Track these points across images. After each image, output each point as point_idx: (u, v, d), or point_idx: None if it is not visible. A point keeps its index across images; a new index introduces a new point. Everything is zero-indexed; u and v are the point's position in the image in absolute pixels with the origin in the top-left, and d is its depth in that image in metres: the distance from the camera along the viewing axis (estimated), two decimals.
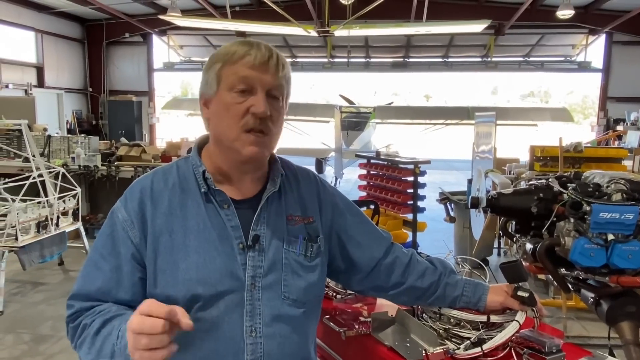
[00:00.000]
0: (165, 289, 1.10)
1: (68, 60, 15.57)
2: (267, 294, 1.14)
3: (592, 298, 1.85)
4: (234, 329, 1.11)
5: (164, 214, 1.13)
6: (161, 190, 1.16)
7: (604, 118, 13.75)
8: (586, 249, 1.65)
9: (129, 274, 1.12)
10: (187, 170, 1.19)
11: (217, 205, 1.15)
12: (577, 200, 1.71)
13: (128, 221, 1.13)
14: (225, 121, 1.12)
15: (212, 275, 1.10)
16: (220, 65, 1.13)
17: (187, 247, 1.11)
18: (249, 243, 1.14)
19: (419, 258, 1.39)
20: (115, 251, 1.12)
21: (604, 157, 5.00)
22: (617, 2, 11.95)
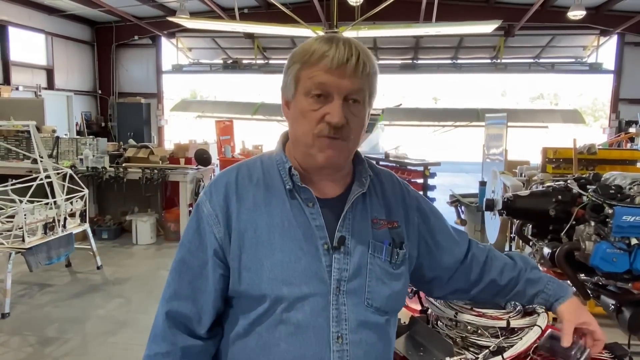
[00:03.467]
0: (250, 288, 1.07)
1: (78, 63, 15.65)
2: (352, 299, 1.09)
3: (613, 305, 1.78)
4: (320, 334, 1.06)
5: (248, 209, 1.11)
6: (246, 185, 1.14)
7: (616, 120, 13.57)
8: (608, 253, 1.58)
9: (212, 269, 1.11)
10: (271, 165, 1.16)
11: (302, 203, 1.11)
12: (598, 202, 1.64)
13: (212, 216, 1.11)
14: (301, 127, 1.10)
15: (298, 275, 1.07)
16: (298, 67, 1.09)
17: (272, 245, 1.08)
18: (335, 244, 1.10)
19: (496, 253, 1.32)
20: (203, 246, 1.12)
21: (618, 159, 4.90)
22: (629, 3, 11.80)
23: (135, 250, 6.37)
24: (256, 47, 15.99)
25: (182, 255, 1.13)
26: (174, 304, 1.11)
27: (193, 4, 13.25)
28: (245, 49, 16.59)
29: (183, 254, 1.13)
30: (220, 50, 17.04)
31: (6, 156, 7.24)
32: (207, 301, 1.10)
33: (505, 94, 39.97)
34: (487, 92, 36.60)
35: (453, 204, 4.28)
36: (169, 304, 1.11)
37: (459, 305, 1.31)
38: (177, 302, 1.11)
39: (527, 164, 6.83)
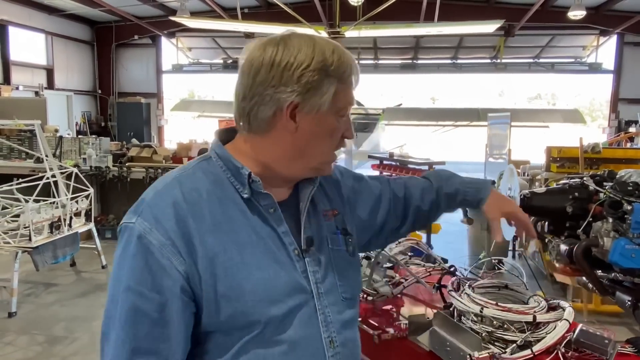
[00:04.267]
0: (234, 317, 0.94)
1: (78, 62, 15.64)
2: (330, 299, 1.05)
3: (630, 301, 1.79)
4: (314, 345, 1.01)
5: (210, 230, 0.95)
6: (197, 202, 0.96)
7: (616, 120, 13.62)
8: (627, 249, 1.59)
9: (179, 310, 0.92)
10: (217, 174, 1.01)
11: (263, 211, 1.01)
12: (616, 199, 1.65)
13: (167, 246, 0.92)
14: (324, 145, 1.03)
15: (281, 291, 0.98)
16: (336, 86, 0.98)
17: (248, 265, 0.96)
18: (304, 247, 1.04)
19: (413, 182, 1.33)
20: (158, 285, 0.91)
21: (622, 158, 4.93)
22: (629, 3, 11.84)
23: None
24: None
25: (133, 302, 0.90)
26: None
27: (193, 3, 13.25)
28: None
29: (133, 301, 0.90)
30: (220, 50, 17.04)
31: (9, 156, 7.23)
32: (175, 350, 0.93)
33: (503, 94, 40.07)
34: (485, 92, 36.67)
35: None
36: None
37: (484, 301, 1.32)
38: (139, 357, 0.91)
39: (527, 164, 6.86)
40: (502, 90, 39.62)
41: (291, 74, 0.95)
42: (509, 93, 38.99)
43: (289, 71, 0.95)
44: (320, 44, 0.99)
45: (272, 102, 0.97)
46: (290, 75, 0.95)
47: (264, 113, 0.98)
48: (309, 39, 0.99)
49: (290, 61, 0.95)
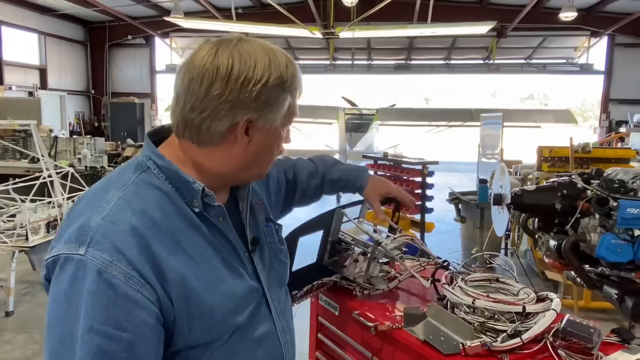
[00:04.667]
0: (205, 334, 0.94)
1: (71, 62, 15.61)
2: (275, 290, 1.11)
3: (616, 294, 1.86)
4: (272, 338, 1.07)
5: (171, 252, 0.90)
6: (153, 224, 0.89)
7: (606, 120, 13.79)
8: (613, 244, 1.66)
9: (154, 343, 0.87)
10: (161, 187, 0.95)
11: (214, 220, 0.99)
12: (603, 196, 1.72)
13: (135, 278, 0.84)
14: (272, 154, 1.04)
15: (242, 298, 1.00)
16: (290, 99, 0.99)
17: (212, 281, 0.94)
18: (251, 248, 1.06)
19: (301, 165, 1.46)
20: (127, 322, 0.83)
21: (611, 158, 5.02)
22: (619, 5, 12.01)
23: None
24: None
25: (98, 344, 0.81)
26: None
27: (187, 3, 13.28)
28: None
29: (98, 344, 0.81)
30: None
31: (3, 156, 7.22)
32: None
33: (496, 94, 40.32)
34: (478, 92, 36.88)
35: (453, 202, 4.37)
36: None
37: (476, 293, 1.38)
38: None
39: (519, 163, 6.96)
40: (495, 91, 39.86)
41: (249, 91, 0.91)
42: (502, 93, 39.25)
43: (247, 87, 0.91)
44: (275, 55, 0.96)
45: (227, 117, 0.93)
46: (248, 91, 0.91)
47: (217, 127, 0.93)
48: (263, 49, 0.95)
49: (249, 76, 0.91)
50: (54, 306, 0.87)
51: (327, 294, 1.75)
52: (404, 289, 1.74)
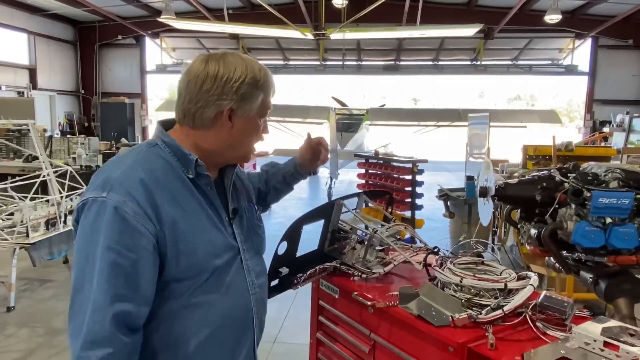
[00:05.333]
0: (189, 269, 1.22)
1: (60, 62, 15.57)
2: (249, 253, 1.40)
3: (591, 278, 2.03)
4: (242, 286, 1.36)
5: (169, 202, 1.20)
6: (157, 180, 1.20)
7: (591, 120, 14.11)
8: (587, 231, 1.83)
9: (150, 265, 1.16)
10: (166, 158, 1.26)
11: (203, 188, 1.30)
12: (578, 187, 1.89)
13: (140, 214, 1.14)
14: (249, 140, 1.36)
15: (220, 247, 1.30)
16: (263, 96, 1.32)
17: (197, 229, 1.24)
18: (231, 216, 1.37)
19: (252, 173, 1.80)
20: (133, 246, 1.13)
21: (593, 156, 5.21)
22: (603, 7, 12.31)
23: None
24: (241, 47, 16.12)
25: (113, 259, 1.11)
26: (118, 306, 1.11)
27: (178, 4, 13.32)
28: (229, 49, 16.70)
29: (114, 258, 1.11)
30: (205, 51, 17.11)
31: None
32: (144, 295, 1.16)
33: (483, 95, 40.74)
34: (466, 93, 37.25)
35: (442, 198, 4.54)
36: (113, 307, 1.10)
37: (463, 273, 1.54)
38: (120, 304, 1.11)
39: (506, 162, 7.17)
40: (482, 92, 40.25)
41: (230, 87, 1.25)
42: (489, 94, 39.64)
43: (229, 84, 1.25)
44: (250, 63, 1.29)
45: (214, 106, 1.26)
46: (230, 87, 1.25)
47: (207, 114, 1.26)
48: (241, 59, 1.29)
49: (230, 76, 1.25)
50: (82, 236, 1.17)
51: (327, 279, 1.90)
52: (397, 274, 1.90)
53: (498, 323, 1.42)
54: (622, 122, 11.00)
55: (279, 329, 3.98)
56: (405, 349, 1.57)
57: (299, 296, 4.69)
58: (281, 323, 4.09)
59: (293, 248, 1.76)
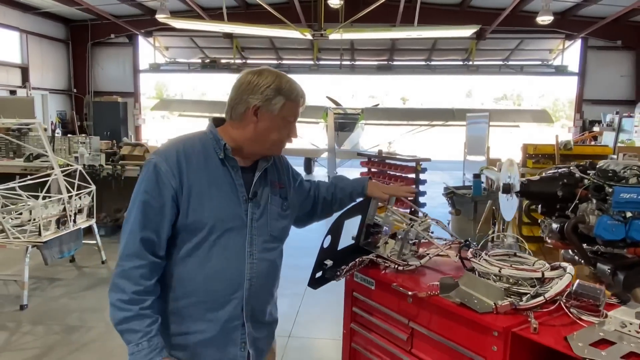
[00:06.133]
0: (195, 221, 1.57)
1: (52, 61, 15.46)
2: (260, 231, 1.66)
3: (609, 269, 2.14)
4: (239, 251, 1.62)
5: (194, 170, 1.58)
6: (190, 154, 1.59)
7: (580, 120, 14.37)
8: (609, 225, 1.94)
9: (169, 210, 1.55)
10: (207, 141, 1.64)
11: (230, 168, 1.63)
12: (599, 184, 2.00)
13: (169, 173, 1.55)
14: (272, 136, 1.65)
15: (226, 215, 1.60)
16: (284, 101, 1.62)
17: (210, 194, 1.58)
18: (250, 197, 1.65)
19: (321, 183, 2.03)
20: (161, 193, 1.54)
21: (591, 154, 5.37)
22: (593, 9, 12.55)
23: None
24: (235, 47, 16.14)
25: (145, 199, 1.53)
26: (145, 233, 1.53)
27: (172, 3, 13.29)
28: (223, 48, 16.70)
29: (146, 199, 1.53)
30: (198, 50, 17.09)
31: None
32: (165, 231, 1.55)
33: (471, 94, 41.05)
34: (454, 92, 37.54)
35: (448, 196, 4.63)
36: (142, 232, 1.52)
37: (501, 264, 1.64)
38: (147, 231, 1.53)
39: (499, 161, 7.31)
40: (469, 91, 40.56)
41: (258, 89, 1.59)
42: (477, 93, 39.96)
43: (258, 88, 1.59)
44: (280, 76, 1.63)
45: (244, 103, 1.60)
46: (258, 89, 1.59)
47: (240, 109, 1.62)
48: (275, 74, 1.63)
49: (260, 83, 1.60)
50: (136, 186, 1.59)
51: (363, 272, 1.98)
52: (428, 266, 1.99)
53: (536, 310, 1.52)
54: (612, 122, 11.24)
55: (292, 324, 4.06)
56: (446, 336, 1.67)
57: (308, 293, 4.80)
58: (294, 318, 4.18)
59: (336, 242, 1.85)
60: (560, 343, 1.39)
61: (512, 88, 41.43)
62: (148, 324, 1.52)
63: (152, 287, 1.55)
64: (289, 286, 4.97)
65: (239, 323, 1.64)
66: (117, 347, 3.66)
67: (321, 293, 3.64)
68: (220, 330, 1.62)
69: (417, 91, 37.32)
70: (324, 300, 4.40)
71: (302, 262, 5.76)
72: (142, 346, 1.51)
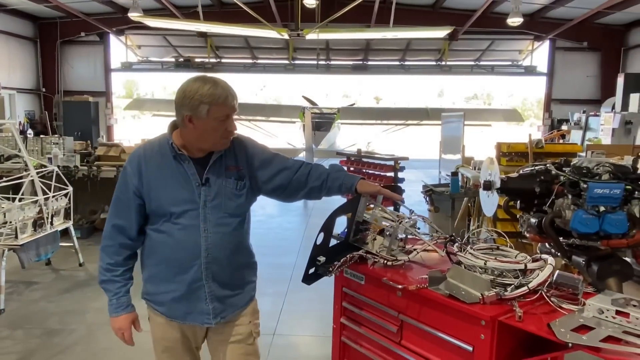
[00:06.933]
0: (156, 209, 1.95)
1: (20, 60, 15.04)
2: (213, 210, 1.96)
3: (584, 261, 2.26)
4: (195, 228, 1.94)
5: (152, 167, 1.94)
6: (149, 155, 1.96)
7: (549, 119, 14.81)
8: (584, 218, 2.05)
9: (133, 202, 1.95)
10: (164, 143, 1.96)
11: (182, 162, 1.94)
12: (575, 180, 2.11)
13: (131, 173, 1.95)
14: (211, 136, 1.90)
15: (180, 200, 1.93)
16: (208, 107, 1.84)
17: (166, 185, 1.93)
18: (202, 182, 1.95)
19: (318, 167, 2.14)
20: (127, 189, 1.95)
21: (561, 152, 5.58)
22: (560, 11, 12.95)
23: None
24: (209, 45, 16.01)
25: (117, 195, 1.99)
26: (116, 220, 1.98)
27: (145, 1, 13.10)
28: (197, 47, 16.54)
29: (117, 195, 1.98)
30: (171, 48, 16.89)
31: None
32: (132, 218, 1.96)
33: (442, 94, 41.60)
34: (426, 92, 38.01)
35: (427, 194, 4.76)
36: (113, 220, 1.99)
37: (486, 257, 1.73)
38: (117, 219, 1.98)
39: (472, 159, 7.49)
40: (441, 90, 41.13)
41: (186, 100, 1.83)
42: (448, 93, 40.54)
43: (186, 99, 1.84)
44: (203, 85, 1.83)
45: (180, 113, 1.88)
46: (186, 101, 1.83)
47: (179, 118, 1.90)
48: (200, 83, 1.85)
49: (187, 95, 1.83)
50: None
51: (353, 267, 2.05)
52: (415, 261, 2.07)
53: (520, 299, 1.61)
54: (580, 121, 11.63)
55: (276, 322, 4.09)
56: (435, 326, 1.75)
57: (290, 291, 4.84)
58: (277, 317, 4.21)
59: (328, 239, 1.91)
60: (544, 330, 1.48)
61: (483, 87, 42.24)
62: (117, 287, 2.01)
63: (122, 261, 2.01)
64: (271, 285, 5.04)
65: (201, 284, 1.98)
66: (100, 349, 3.64)
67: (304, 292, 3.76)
68: (187, 289, 1.98)
69: (390, 91, 37.65)
70: (307, 298, 4.47)
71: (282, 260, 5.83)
72: (112, 302, 2.02)
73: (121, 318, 2.04)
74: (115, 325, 2.06)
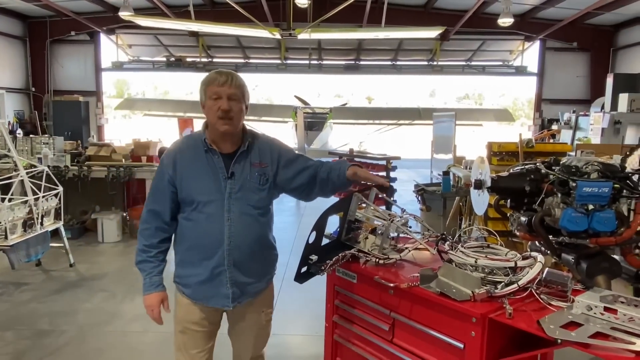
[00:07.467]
0: (186, 197, 2.16)
1: (9, 59, 14.86)
2: (237, 201, 2.15)
3: (573, 259, 2.29)
4: (219, 217, 2.13)
5: (185, 160, 2.18)
6: (183, 150, 2.23)
7: (539, 118, 14.92)
8: (573, 217, 2.08)
9: (167, 189, 2.19)
10: (197, 139, 2.21)
11: (212, 155, 2.17)
12: (564, 179, 2.14)
13: (167, 165, 2.20)
14: (210, 115, 2.13)
15: (207, 190, 2.14)
16: (205, 87, 2.13)
17: (196, 176, 2.16)
18: (228, 175, 2.16)
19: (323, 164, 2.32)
20: (162, 179, 2.20)
21: (551, 152, 5.62)
22: (551, 12, 13.04)
23: (104, 248, 6.37)
24: (201, 45, 15.94)
25: (154, 184, 2.25)
26: (153, 206, 2.22)
27: (136, 0, 13.01)
28: (188, 46, 16.46)
29: (155, 183, 2.24)
30: (162, 48, 16.78)
31: None
32: (167, 204, 2.19)
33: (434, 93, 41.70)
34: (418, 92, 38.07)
35: (418, 193, 4.78)
36: (150, 205, 2.23)
37: (476, 255, 1.74)
38: (154, 205, 2.22)
39: (463, 159, 7.53)
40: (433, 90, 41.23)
41: (200, 88, 2.16)
42: (440, 93, 40.65)
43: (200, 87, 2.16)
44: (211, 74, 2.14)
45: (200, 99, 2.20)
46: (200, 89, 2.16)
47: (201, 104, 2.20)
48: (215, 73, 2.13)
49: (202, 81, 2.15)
50: None
51: (345, 266, 2.06)
52: (406, 259, 2.08)
53: (510, 297, 1.63)
54: (569, 120, 11.72)
55: None
56: (426, 324, 1.76)
57: (283, 290, 4.84)
58: None
59: (320, 238, 1.91)
60: (534, 326, 1.50)
61: (474, 87, 42.43)
62: (151, 267, 2.22)
63: (156, 243, 2.22)
64: None
65: (223, 269, 2.16)
66: (90, 350, 3.62)
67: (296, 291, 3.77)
68: (210, 273, 2.17)
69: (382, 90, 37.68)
70: (300, 297, 4.47)
71: None
72: (145, 281, 2.21)
73: (152, 296, 2.21)
74: (146, 302, 2.22)
